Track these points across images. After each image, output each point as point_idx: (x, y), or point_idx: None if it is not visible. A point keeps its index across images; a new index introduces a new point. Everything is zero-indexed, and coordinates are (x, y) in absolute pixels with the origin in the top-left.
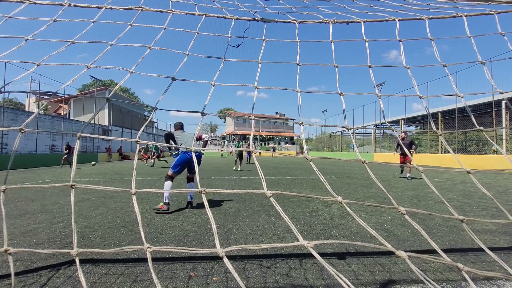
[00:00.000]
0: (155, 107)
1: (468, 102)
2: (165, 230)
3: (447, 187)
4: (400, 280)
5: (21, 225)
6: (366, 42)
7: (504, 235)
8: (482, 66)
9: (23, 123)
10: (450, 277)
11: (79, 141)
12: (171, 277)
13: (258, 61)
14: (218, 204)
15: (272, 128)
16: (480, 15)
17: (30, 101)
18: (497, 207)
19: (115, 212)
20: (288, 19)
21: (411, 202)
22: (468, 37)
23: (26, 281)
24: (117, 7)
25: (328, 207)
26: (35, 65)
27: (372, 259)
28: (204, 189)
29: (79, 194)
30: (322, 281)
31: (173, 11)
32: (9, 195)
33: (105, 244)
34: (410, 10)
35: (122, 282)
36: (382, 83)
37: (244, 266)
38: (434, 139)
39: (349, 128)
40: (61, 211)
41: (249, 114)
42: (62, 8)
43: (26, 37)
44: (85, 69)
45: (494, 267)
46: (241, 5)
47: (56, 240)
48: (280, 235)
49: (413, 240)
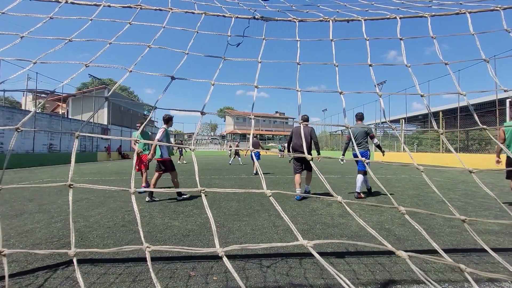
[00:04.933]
0: (155, 106)
1: (470, 101)
2: (164, 229)
3: (448, 186)
4: (401, 280)
5: (18, 226)
6: (367, 40)
7: (508, 236)
8: (486, 64)
9: (19, 122)
10: (452, 278)
11: (77, 140)
12: (171, 277)
13: (258, 60)
14: (218, 203)
15: (272, 127)
16: (484, 11)
17: (27, 100)
18: (501, 207)
19: (115, 211)
20: (288, 18)
21: (411, 201)
22: (471, 34)
23: (22, 282)
24: (116, 5)
25: (328, 206)
26: (32, 63)
27: (372, 258)
28: (204, 188)
29: (78, 194)
30: (322, 280)
31: (172, 9)
32: (6, 195)
33: (104, 243)
34: (412, 8)
35: (121, 282)
36: (383, 82)
37: (244, 265)
38: (435, 138)
39: (350, 127)
40: (59, 211)
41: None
42: (59, 5)
43: (22, 34)
44: (83, 67)
45: (498, 268)
46: (241, 4)
47: (54, 240)
48: (280, 235)
49: (414, 240)
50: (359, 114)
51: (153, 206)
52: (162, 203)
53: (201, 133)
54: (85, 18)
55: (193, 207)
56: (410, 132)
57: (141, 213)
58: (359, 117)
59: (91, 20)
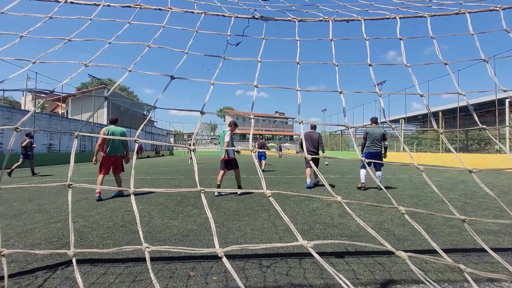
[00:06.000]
0: (154, 106)
1: (470, 101)
2: (164, 229)
3: (448, 186)
4: (400, 280)
5: (17, 226)
6: (366, 40)
7: (507, 235)
8: (485, 64)
9: (18, 122)
10: (451, 278)
11: (77, 140)
12: (170, 277)
13: (257, 59)
14: (218, 203)
15: (272, 127)
16: (484, 11)
17: (26, 100)
18: (500, 207)
19: (114, 211)
20: (287, 17)
21: (411, 201)
22: (471, 34)
23: (21, 283)
24: (115, 5)
25: (328, 206)
26: (31, 63)
27: (372, 258)
28: (203, 188)
29: (77, 194)
30: (321, 280)
31: (172, 8)
32: (5, 195)
33: (103, 243)
34: (412, 8)
35: (120, 282)
36: (382, 81)
37: (244, 265)
38: (435, 138)
39: (349, 127)
40: (59, 211)
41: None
42: (59, 5)
43: (21, 34)
44: (83, 67)
45: (497, 268)
46: (240, 3)
47: (53, 241)
48: (280, 235)
49: (414, 240)
50: (374, 118)
51: (152, 206)
52: (162, 203)
53: (201, 133)
54: (85, 18)
55: (192, 207)
56: (409, 132)
57: (140, 213)
58: (374, 121)
59: (91, 19)
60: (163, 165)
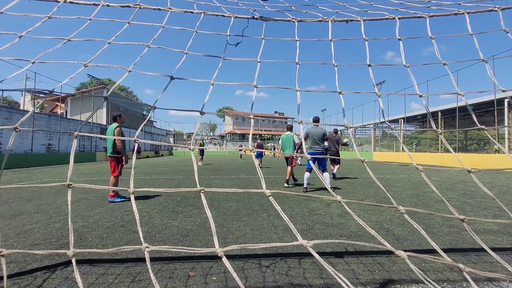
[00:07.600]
0: (154, 106)
1: (469, 101)
2: (164, 229)
3: (447, 186)
4: (400, 279)
5: (16, 226)
6: (366, 40)
7: (506, 235)
8: (484, 64)
9: (17, 122)
10: (450, 278)
11: (76, 140)
12: (170, 277)
13: (257, 59)
14: (217, 203)
15: (271, 127)
16: (483, 12)
17: (25, 100)
18: (499, 207)
19: (113, 211)
20: (287, 18)
21: (410, 201)
22: (470, 35)
23: (20, 283)
24: (114, 5)
25: (327, 206)
26: (30, 63)
27: (371, 258)
28: (203, 188)
29: (76, 194)
30: (321, 280)
31: (172, 8)
32: (4, 195)
33: (103, 244)
34: (411, 8)
35: (120, 282)
36: (382, 82)
37: (243, 265)
38: (434, 138)
39: (349, 127)
40: (58, 211)
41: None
42: (58, 5)
43: (20, 34)
44: (82, 67)
45: (496, 268)
46: (240, 3)
47: (52, 241)
48: (279, 234)
49: (413, 240)
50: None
51: (152, 206)
52: (161, 203)
53: (200, 133)
54: (84, 18)
55: (192, 207)
56: (409, 132)
57: (140, 213)
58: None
59: (90, 19)
60: (162, 165)
